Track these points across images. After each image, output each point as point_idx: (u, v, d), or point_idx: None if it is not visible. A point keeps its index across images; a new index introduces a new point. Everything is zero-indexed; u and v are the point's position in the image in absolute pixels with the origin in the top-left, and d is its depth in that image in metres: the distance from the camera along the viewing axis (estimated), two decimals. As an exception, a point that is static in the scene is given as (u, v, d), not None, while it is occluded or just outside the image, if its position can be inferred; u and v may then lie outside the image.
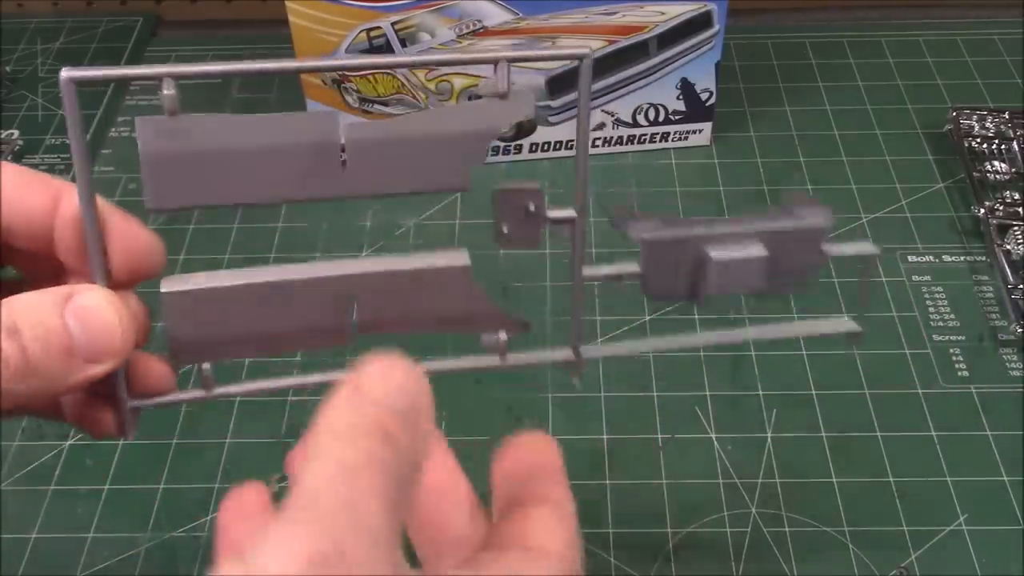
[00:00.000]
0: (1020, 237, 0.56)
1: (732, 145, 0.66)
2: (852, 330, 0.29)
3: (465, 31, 0.59)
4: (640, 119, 0.64)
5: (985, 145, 0.62)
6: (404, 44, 0.59)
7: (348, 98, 0.61)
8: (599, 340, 0.54)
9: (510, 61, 0.27)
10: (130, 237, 0.28)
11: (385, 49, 0.59)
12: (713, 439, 0.49)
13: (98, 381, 0.27)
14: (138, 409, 0.29)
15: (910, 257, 0.58)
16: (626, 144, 0.65)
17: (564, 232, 0.29)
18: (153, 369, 0.30)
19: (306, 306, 0.29)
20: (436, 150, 0.28)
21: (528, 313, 0.30)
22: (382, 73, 0.60)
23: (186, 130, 0.26)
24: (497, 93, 0.27)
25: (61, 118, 0.69)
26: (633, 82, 0.62)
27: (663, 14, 0.60)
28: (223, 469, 0.49)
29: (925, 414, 0.50)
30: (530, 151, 0.64)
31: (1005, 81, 0.69)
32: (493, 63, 0.26)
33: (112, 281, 0.28)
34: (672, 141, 0.66)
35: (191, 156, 0.27)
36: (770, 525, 0.46)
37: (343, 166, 0.27)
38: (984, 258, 0.57)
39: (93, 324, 0.27)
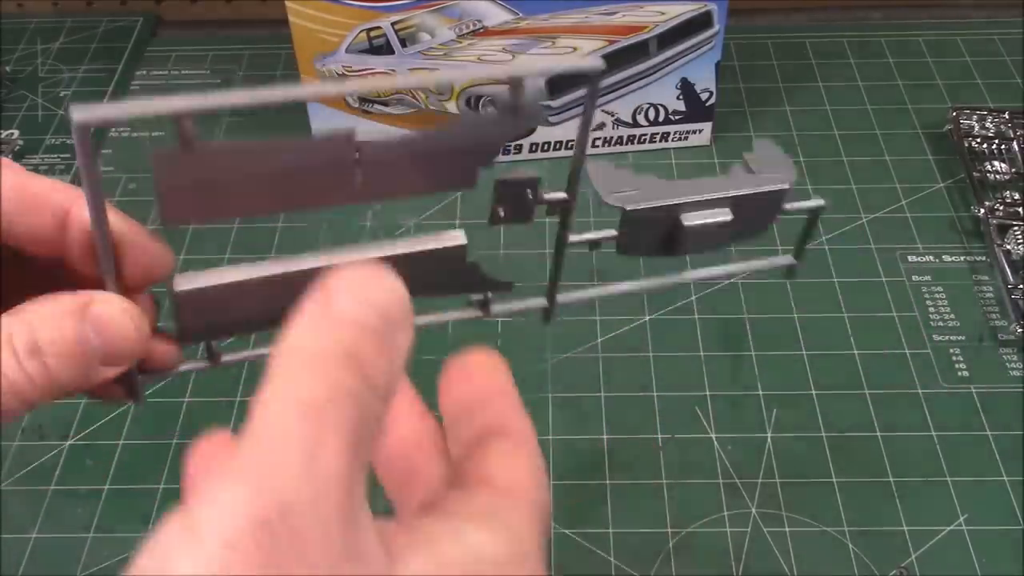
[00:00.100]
0: (1020, 237, 0.56)
1: (732, 145, 0.66)
2: (789, 264, 0.30)
3: (465, 31, 0.59)
4: (640, 119, 0.64)
5: (985, 145, 0.62)
6: (404, 44, 0.59)
7: (348, 98, 0.61)
8: (599, 340, 0.54)
9: (517, 79, 0.27)
10: (143, 251, 0.28)
11: (385, 49, 0.59)
12: (713, 439, 0.49)
13: None
14: (147, 377, 0.30)
15: (910, 257, 0.58)
16: (626, 144, 0.65)
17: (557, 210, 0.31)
18: (160, 349, 0.30)
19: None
20: (447, 159, 0.28)
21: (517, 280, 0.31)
22: (382, 73, 0.60)
23: (202, 160, 0.26)
24: (512, 108, 0.27)
25: (61, 118, 0.70)
26: (633, 82, 0.62)
27: (663, 14, 0.60)
28: (223, 469, 0.49)
29: (925, 414, 0.50)
30: (530, 151, 0.64)
31: (1005, 81, 0.69)
32: (512, 83, 0.27)
33: (125, 288, 0.28)
34: (672, 141, 0.66)
35: (207, 182, 0.27)
36: (770, 525, 0.46)
37: (357, 179, 0.27)
38: (984, 258, 0.57)
39: (111, 333, 0.27)
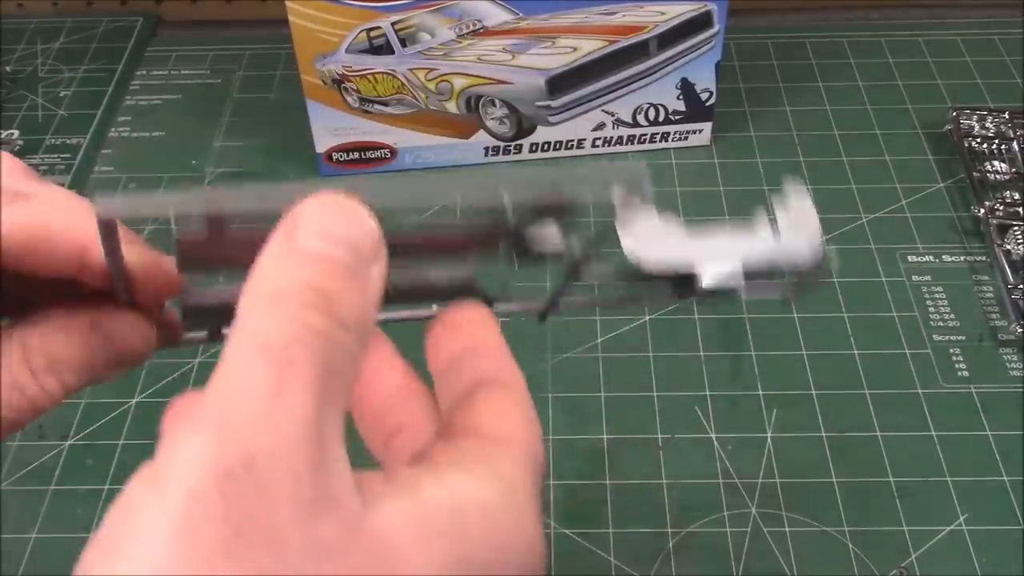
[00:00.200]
0: (1020, 237, 0.56)
1: (732, 145, 0.66)
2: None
3: (465, 31, 0.59)
4: (640, 119, 0.64)
5: (985, 145, 0.62)
6: (404, 44, 0.59)
7: (348, 98, 0.61)
8: (599, 340, 0.54)
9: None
10: (158, 280, 0.28)
11: (385, 49, 0.59)
12: (713, 439, 0.49)
13: None
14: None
15: (910, 257, 0.58)
16: (626, 144, 0.65)
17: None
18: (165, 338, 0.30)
19: None
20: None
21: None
22: (382, 73, 0.60)
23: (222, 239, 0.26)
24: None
25: (61, 118, 0.69)
26: (633, 82, 0.62)
27: (663, 14, 0.60)
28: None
29: (925, 414, 0.50)
30: (530, 151, 0.64)
31: (1005, 81, 0.69)
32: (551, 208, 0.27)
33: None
34: (672, 141, 0.66)
35: (224, 258, 0.27)
36: (770, 525, 0.46)
37: None
38: (984, 258, 0.57)
39: (121, 347, 0.27)
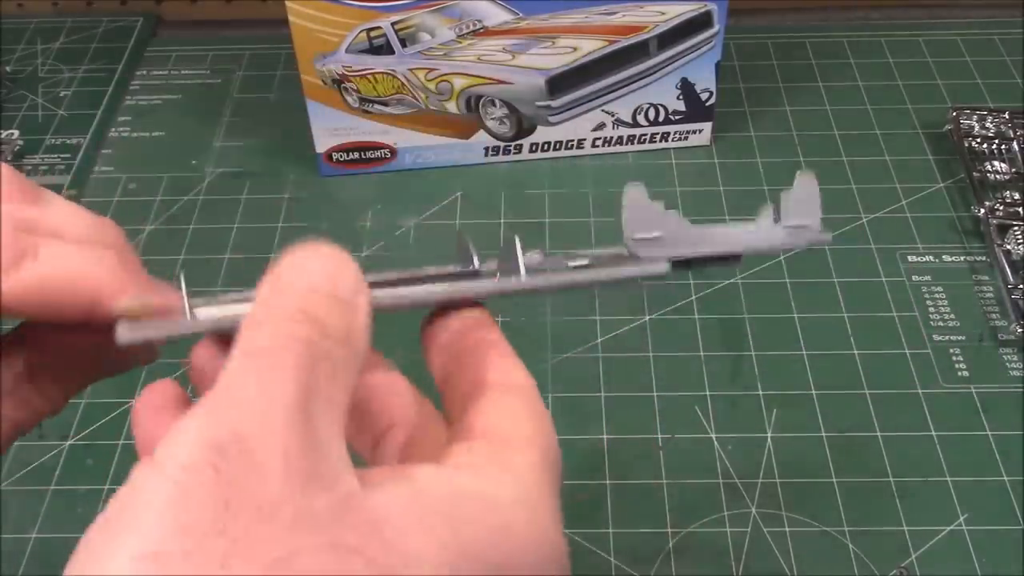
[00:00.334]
0: (1020, 237, 0.56)
1: (732, 145, 0.66)
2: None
3: (465, 31, 0.59)
4: (640, 119, 0.64)
5: (985, 145, 0.62)
6: (404, 44, 0.59)
7: (348, 98, 0.61)
8: (599, 340, 0.54)
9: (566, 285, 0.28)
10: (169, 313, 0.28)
11: (385, 49, 0.59)
12: (713, 439, 0.49)
13: None
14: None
15: (910, 257, 0.58)
16: (626, 144, 0.65)
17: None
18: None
19: None
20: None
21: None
22: (382, 73, 0.60)
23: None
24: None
25: (61, 118, 0.69)
26: (633, 82, 0.62)
27: (663, 14, 0.60)
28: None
29: (925, 414, 0.50)
30: (530, 151, 0.64)
31: (1005, 81, 0.69)
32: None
33: None
34: (672, 141, 0.66)
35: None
36: (770, 525, 0.46)
37: None
38: (984, 258, 0.57)
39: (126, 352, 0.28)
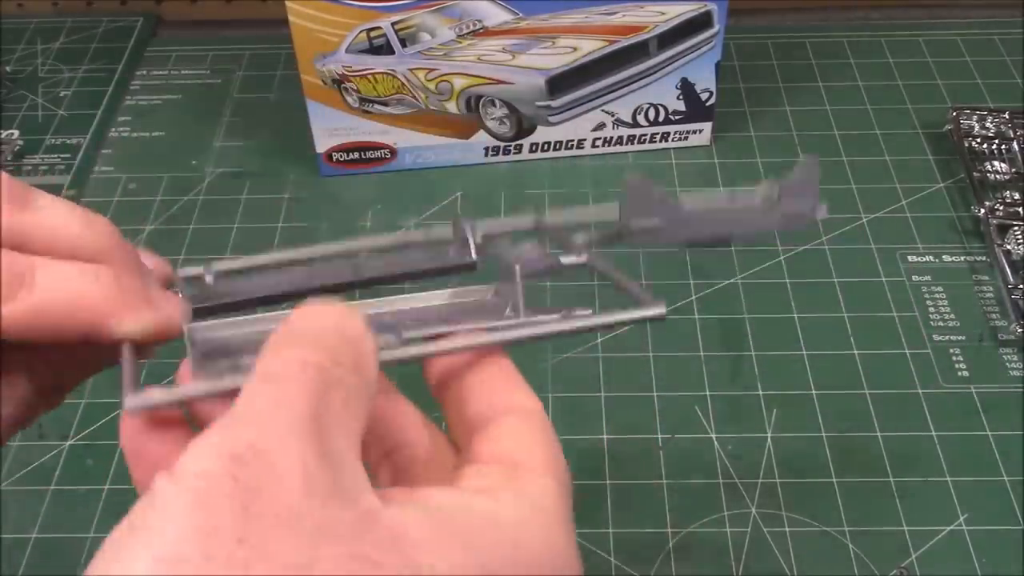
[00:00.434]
0: (1020, 237, 0.56)
1: (732, 145, 0.66)
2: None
3: (465, 31, 0.59)
4: (640, 119, 0.64)
5: (985, 145, 0.62)
6: (404, 44, 0.59)
7: (348, 98, 0.61)
8: (599, 340, 0.54)
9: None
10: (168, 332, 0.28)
11: (385, 49, 0.59)
12: (713, 439, 0.49)
13: None
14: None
15: (910, 257, 0.58)
16: (626, 144, 0.65)
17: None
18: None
19: None
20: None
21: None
22: (382, 73, 0.60)
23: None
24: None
25: (61, 118, 0.69)
26: (633, 82, 0.62)
27: (663, 14, 0.60)
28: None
29: (925, 414, 0.50)
30: (530, 151, 0.64)
31: (1005, 81, 0.69)
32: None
33: None
34: (672, 141, 0.66)
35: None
36: (770, 525, 0.46)
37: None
38: (984, 258, 0.57)
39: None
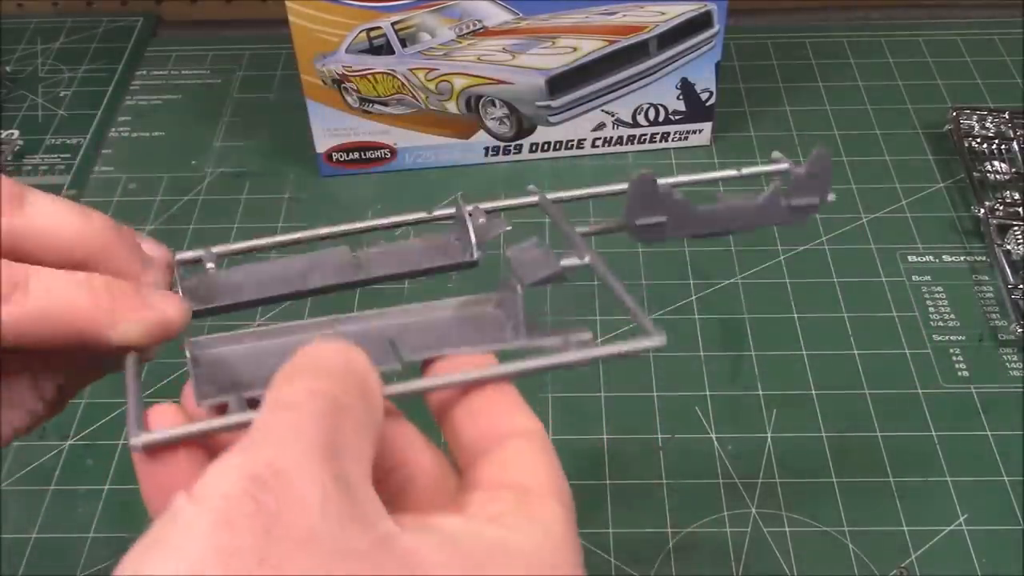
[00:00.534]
0: (1020, 237, 0.56)
1: (732, 145, 0.66)
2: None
3: (465, 31, 0.59)
4: (640, 119, 0.64)
5: (985, 145, 0.62)
6: (404, 44, 0.59)
7: (348, 98, 0.61)
8: (599, 340, 0.54)
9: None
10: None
11: (385, 49, 0.59)
12: (713, 439, 0.49)
13: None
14: None
15: (910, 257, 0.58)
16: (626, 144, 0.65)
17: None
18: None
19: None
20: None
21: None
22: (382, 73, 0.60)
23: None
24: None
25: (61, 118, 0.69)
26: (633, 82, 0.62)
27: (663, 14, 0.60)
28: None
29: (925, 414, 0.50)
30: (530, 151, 0.64)
31: (1005, 81, 0.69)
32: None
33: None
34: (672, 141, 0.66)
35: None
36: (770, 525, 0.46)
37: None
38: (984, 258, 0.57)
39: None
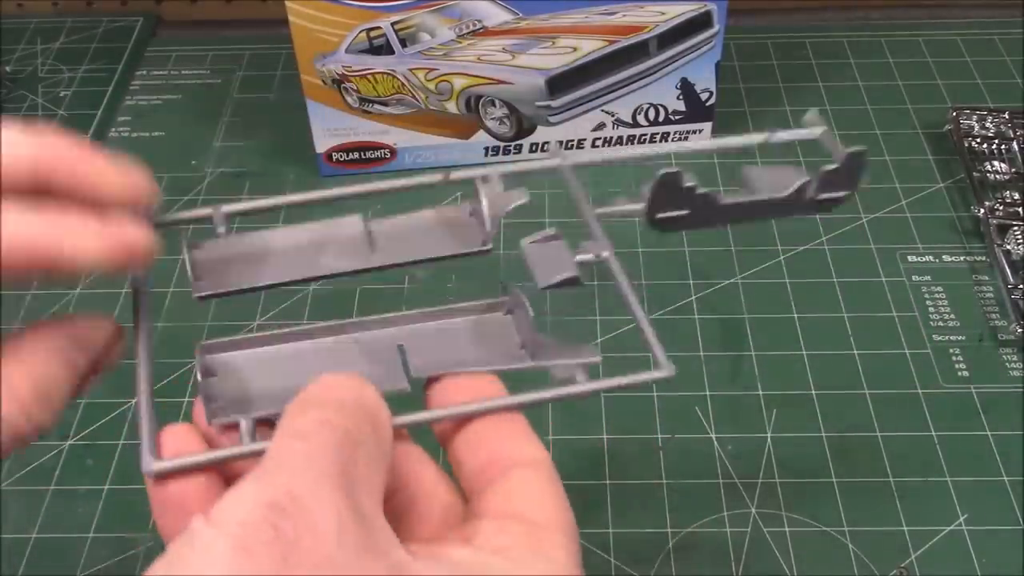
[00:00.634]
0: (1020, 237, 0.56)
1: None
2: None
3: (465, 31, 0.59)
4: (640, 119, 0.64)
5: (985, 145, 0.62)
6: (404, 44, 0.59)
7: (348, 98, 0.61)
8: (599, 340, 0.54)
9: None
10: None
11: (385, 49, 0.59)
12: (713, 439, 0.49)
13: None
14: None
15: (910, 257, 0.58)
16: (626, 144, 0.65)
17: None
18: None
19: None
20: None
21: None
22: (382, 73, 0.60)
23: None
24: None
25: (61, 118, 0.69)
26: (633, 82, 0.62)
27: (663, 14, 0.60)
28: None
29: (925, 414, 0.50)
30: (530, 151, 0.64)
31: (1005, 81, 0.69)
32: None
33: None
34: (672, 141, 0.65)
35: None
36: (770, 525, 0.46)
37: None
38: (984, 258, 0.57)
39: (100, 352, 0.29)
